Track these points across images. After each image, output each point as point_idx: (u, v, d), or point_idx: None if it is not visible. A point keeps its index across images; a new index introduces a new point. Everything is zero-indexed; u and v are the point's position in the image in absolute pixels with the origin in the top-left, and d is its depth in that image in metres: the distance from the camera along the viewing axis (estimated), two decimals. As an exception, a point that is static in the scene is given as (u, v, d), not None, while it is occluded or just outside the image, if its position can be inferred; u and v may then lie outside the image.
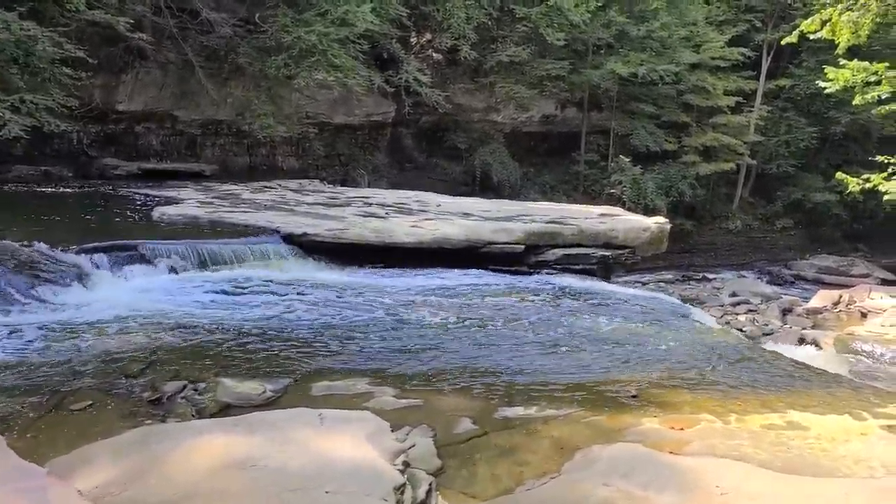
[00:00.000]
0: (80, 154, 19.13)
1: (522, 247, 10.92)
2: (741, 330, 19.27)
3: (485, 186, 25.25)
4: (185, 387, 5.02)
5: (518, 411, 4.89)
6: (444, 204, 13.69)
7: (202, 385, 5.08)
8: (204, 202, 12.59)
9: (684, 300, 21.93)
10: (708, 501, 3.33)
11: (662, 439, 4.44)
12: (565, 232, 11.29)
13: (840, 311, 19.33)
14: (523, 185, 26.40)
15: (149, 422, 4.38)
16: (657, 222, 12.52)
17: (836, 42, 14.92)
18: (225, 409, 4.73)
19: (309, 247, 10.01)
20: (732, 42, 27.53)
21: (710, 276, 26.05)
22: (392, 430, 4.37)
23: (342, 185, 21.79)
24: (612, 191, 26.26)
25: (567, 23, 24.75)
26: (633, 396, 5.28)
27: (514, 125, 27.01)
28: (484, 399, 5.11)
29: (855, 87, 16.11)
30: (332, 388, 5.19)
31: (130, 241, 9.05)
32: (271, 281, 8.62)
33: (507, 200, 15.83)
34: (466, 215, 12.14)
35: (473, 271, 10.16)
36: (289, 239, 10.03)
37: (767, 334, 19.21)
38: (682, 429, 4.66)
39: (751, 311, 21.66)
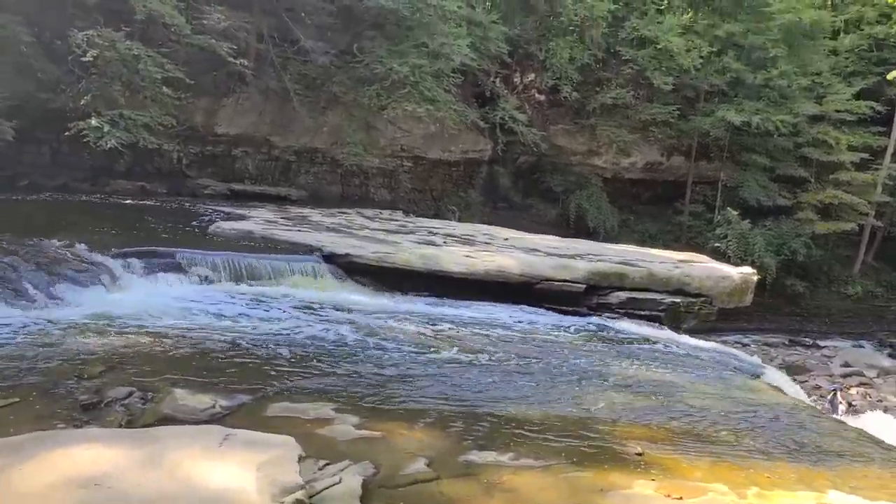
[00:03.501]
0: (179, 173, 19.68)
1: (583, 286, 10.09)
2: (850, 404, 17.43)
3: (580, 231, 24.30)
4: (130, 394, 4.60)
5: (488, 457, 4.15)
6: (512, 238, 13.02)
7: (151, 394, 4.64)
8: (269, 220, 12.48)
9: (787, 366, 20.30)
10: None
11: (648, 508, 3.60)
12: (632, 274, 10.36)
13: (972, 392, 17.20)
14: (621, 232, 25.24)
15: (61, 426, 3.96)
16: (741, 272, 11.36)
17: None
18: (161, 421, 4.26)
19: (351, 268, 9.61)
20: (861, 95, 25.56)
21: (822, 343, 23.83)
22: (326, 464, 3.75)
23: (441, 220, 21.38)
24: (716, 244, 24.61)
25: (676, 67, 23.79)
26: (638, 454, 4.42)
27: (616, 170, 25.97)
28: (456, 439, 4.41)
29: None
30: (289, 409, 4.63)
31: (168, 248, 8.90)
32: (300, 299, 8.23)
33: (583, 240, 14.96)
34: (532, 251, 11.42)
35: (525, 308, 9.41)
36: (331, 259, 9.66)
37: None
38: (680, 498, 3.79)
39: (863, 384, 19.62)
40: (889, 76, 15.78)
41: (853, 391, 18.50)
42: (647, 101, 24.70)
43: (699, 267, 11.32)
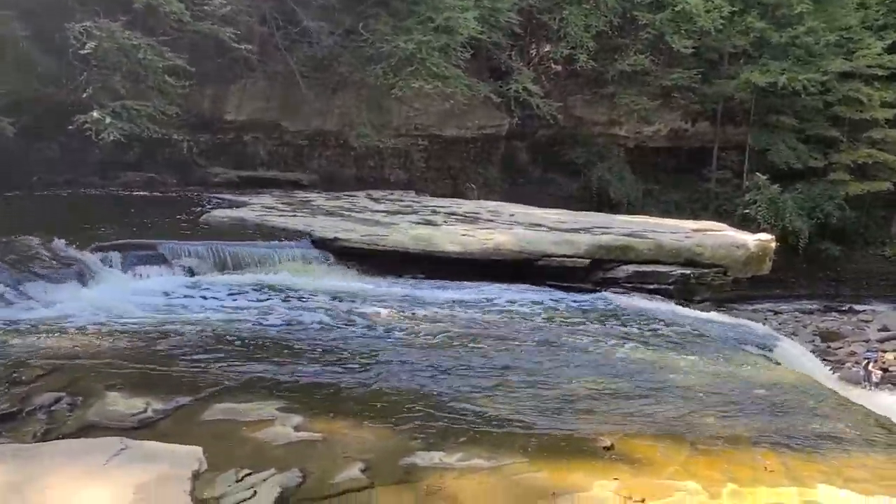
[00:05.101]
0: (190, 162, 19.42)
1: (587, 261, 9.62)
2: (886, 370, 16.72)
3: (602, 203, 23.66)
4: (58, 400, 4.29)
5: (435, 458, 3.77)
6: (518, 214, 12.55)
7: (81, 399, 4.32)
8: (267, 207, 12.19)
9: (821, 333, 19.59)
10: None
11: (601, 514, 3.19)
12: (639, 246, 9.85)
13: None
14: (645, 203, 24.49)
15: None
16: (758, 239, 10.76)
17: None
18: (85, 430, 3.95)
19: (341, 253, 9.25)
20: (893, 48, 24.41)
21: (859, 307, 23.00)
22: (247, 475, 3.40)
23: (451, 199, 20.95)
24: (745, 210, 23.83)
25: (696, 29, 22.87)
26: (607, 447, 4.00)
27: (639, 140, 25.21)
28: (405, 437, 4.03)
29: None
30: (230, 411, 4.30)
31: (150, 240, 8.64)
32: (281, 287, 7.91)
33: (593, 213, 14.40)
34: (536, 226, 10.95)
35: (522, 286, 8.97)
36: (320, 244, 9.31)
37: (920, 376, 16.49)
38: (642, 501, 3.36)
39: (903, 348, 18.83)
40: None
41: (889, 356, 17.76)
42: (668, 66, 23.85)
43: (713, 236, 10.76)
